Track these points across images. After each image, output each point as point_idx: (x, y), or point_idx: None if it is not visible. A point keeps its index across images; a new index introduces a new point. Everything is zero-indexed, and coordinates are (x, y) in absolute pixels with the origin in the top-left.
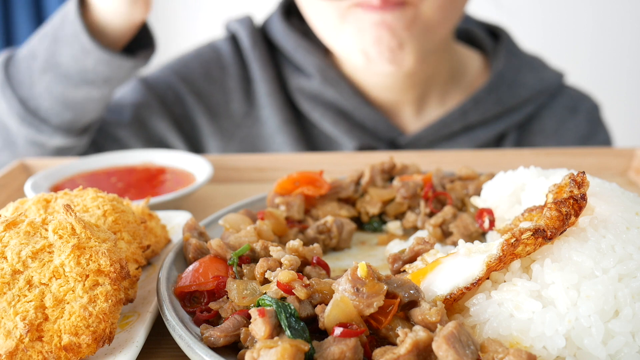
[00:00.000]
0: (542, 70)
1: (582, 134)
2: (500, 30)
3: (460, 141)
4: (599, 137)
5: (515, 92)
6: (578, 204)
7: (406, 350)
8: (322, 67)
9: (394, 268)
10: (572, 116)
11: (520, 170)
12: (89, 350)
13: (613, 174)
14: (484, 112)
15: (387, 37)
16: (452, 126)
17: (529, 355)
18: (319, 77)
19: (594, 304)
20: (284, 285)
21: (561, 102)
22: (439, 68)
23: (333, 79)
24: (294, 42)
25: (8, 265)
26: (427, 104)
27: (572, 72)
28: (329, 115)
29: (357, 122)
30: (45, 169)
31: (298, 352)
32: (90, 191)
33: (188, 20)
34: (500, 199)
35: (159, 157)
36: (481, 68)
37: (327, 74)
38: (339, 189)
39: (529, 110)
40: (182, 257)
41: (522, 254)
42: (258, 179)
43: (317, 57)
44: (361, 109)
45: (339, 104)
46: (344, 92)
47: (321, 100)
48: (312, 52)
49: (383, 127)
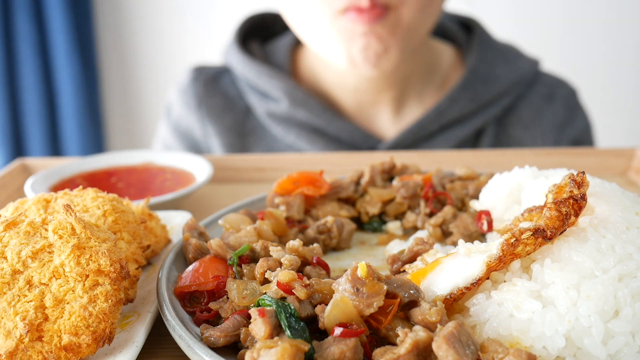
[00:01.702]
0: (517, 60)
1: (560, 120)
2: (473, 22)
3: (438, 140)
4: (577, 123)
5: (490, 86)
6: (578, 204)
7: (406, 350)
8: (288, 89)
9: (393, 269)
10: (549, 104)
11: (515, 170)
12: (89, 350)
13: (613, 174)
14: (460, 110)
15: (375, 44)
16: (429, 127)
17: (529, 355)
18: (286, 100)
19: (594, 304)
20: (284, 285)
21: (537, 91)
22: (416, 66)
23: (301, 98)
24: (255, 70)
25: (8, 265)
26: (405, 103)
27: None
28: (304, 135)
29: (332, 137)
30: (45, 169)
31: (298, 352)
32: (90, 191)
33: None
34: (497, 201)
35: (159, 157)
36: (455, 62)
37: (294, 95)
38: (339, 189)
39: (505, 103)
40: (182, 257)
41: (522, 254)
42: (258, 179)
43: (281, 81)
44: (334, 123)
45: (312, 122)
46: (314, 110)
47: (294, 122)
48: (276, 77)
49: (359, 138)
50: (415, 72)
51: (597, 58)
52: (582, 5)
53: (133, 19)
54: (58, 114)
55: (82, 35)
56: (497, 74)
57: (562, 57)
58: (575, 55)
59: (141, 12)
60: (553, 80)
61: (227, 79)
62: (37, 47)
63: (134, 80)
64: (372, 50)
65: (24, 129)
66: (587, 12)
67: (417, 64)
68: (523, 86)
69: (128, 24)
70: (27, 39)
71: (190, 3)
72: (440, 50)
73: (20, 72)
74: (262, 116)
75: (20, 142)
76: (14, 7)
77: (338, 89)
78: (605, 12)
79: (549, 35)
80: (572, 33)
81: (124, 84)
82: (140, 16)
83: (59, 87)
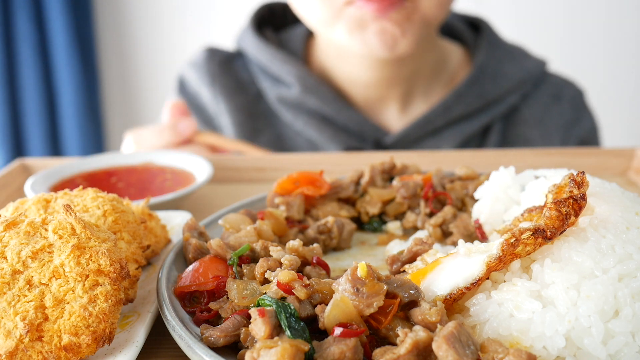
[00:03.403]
0: (524, 60)
1: (567, 120)
2: (480, 22)
3: (445, 136)
4: (584, 123)
5: (498, 83)
6: (578, 204)
7: (406, 350)
8: (300, 75)
9: (392, 269)
10: (556, 103)
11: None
12: (89, 350)
13: (613, 174)
14: (467, 106)
15: (391, 27)
16: (435, 122)
17: (529, 355)
18: (298, 86)
19: (594, 304)
20: (284, 285)
21: (544, 90)
22: (424, 63)
23: (313, 86)
24: (269, 54)
25: (8, 265)
26: (412, 100)
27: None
28: (313, 123)
29: (340, 126)
30: (45, 169)
31: (298, 352)
32: (90, 191)
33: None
34: (488, 205)
35: (159, 157)
36: (463, 61)
37: (307, 81)
38: (339, 189)
39: (512, 100)
40: (182, 257)
41: (522, 254)
42: (258, 179)
43: (295, 67)
44: (344, 112)
45: (321, 110)
46: (325, 98)
47: (304, 109)
48: (289, 62)
49: (367, 129)
50: (423, 69)
51: (596, 58)
52: (582, 6)
53: (133, 19)
54: (58, 114)
55: (82, 35)
56: (504, 72)
57: (562, 56)
58: (574, 55)
59: (141, 12)
60: (560, 80)
61: (239, 63)
62: (37, 47)
63: (134, 80)
64: (389, 34)
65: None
66: (586, 12)
67: (425, 62)
68: (530, 85)
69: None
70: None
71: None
72: (449, 49)
73: (20, 72)
74: (272, 101)
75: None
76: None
77: (347, 83)
78: (606, 12)
79: (548, 35)
80: (572, 33)
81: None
82: (140, 16)
83: (59, 87)
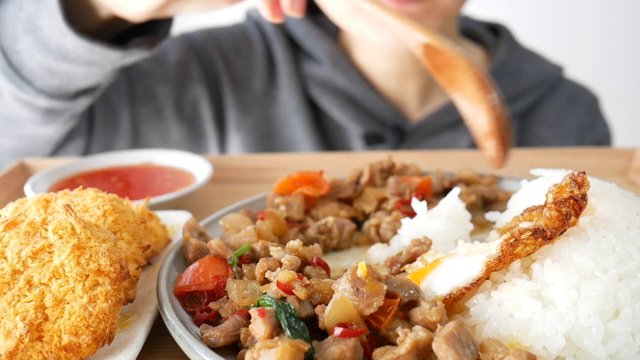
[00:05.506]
0: (542, 63)
1: (583, 123)
2: (500, 27)
3: (463, 129)
4: (599, 128)
5: (517, 81)
6: (578, 204)
7: (406, 350)
8: (332, 53)
9: (392, 271)
10: (573, 106)
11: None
12: (89, 350)
13: (613, 174)
14: None
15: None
16: (455, 114)
17: (529, 355)
18: (329, 63)
19: (594, 304)
20: (284, 285)
21: (561, 93)
22: None
23: (343, 65)
24: (305, 29)
25: (8, 265)
26: (431, 94)
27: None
28: (338, 102)
29: (364, 108)
30: (45, 169)
31: (298, 352)
32: (90, 191)
33: None
34: None
35: (159, 157)
36: (483, 60)
37: (337, 60)
38: (339, 189)
39: (530, 99)
40: (182, 257)
41: (521, 254)
42: (258, 179)
43: (328, 44)
44: (369, 95)
45: (348, 91)
46: (353, 79)
47: (331, 87)
48: (323, 39)
49: (389, 114)
50: None
51: (596, 58)
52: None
53: None
54: None
55: None
56: (523, 71)
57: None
58: (574, 55)
59: None
60: (577, 86)
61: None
62: None
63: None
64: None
65: None
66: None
67: None
68: (548, 86)
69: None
70: None
71: None
72: (469, 50)
73: None
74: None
75: None
76: None
77: (371, 72)
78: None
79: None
80: (572, 32)
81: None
82: None
83: None
